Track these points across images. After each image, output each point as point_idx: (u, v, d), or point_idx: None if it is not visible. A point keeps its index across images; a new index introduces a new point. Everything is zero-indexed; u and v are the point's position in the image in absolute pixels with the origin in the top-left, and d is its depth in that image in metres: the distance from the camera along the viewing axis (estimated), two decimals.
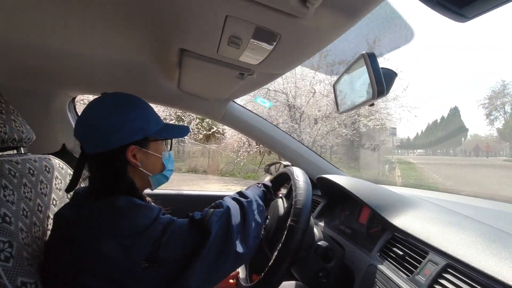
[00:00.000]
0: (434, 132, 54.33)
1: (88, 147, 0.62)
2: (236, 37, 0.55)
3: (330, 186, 1.10)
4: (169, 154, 0.73)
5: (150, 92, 1.16)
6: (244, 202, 0.71)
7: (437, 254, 0.59)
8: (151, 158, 0.68)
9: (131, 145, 0.63)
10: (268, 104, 3.33)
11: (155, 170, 0.69)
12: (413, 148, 52.32)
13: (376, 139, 9.74)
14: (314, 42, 0.58)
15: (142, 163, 0.66)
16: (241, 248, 0.62)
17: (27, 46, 0.81)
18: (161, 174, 0.71)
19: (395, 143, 27.28)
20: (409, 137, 62.19)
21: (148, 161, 0.67)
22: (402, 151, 38.76)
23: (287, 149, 1.35)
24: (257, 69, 0.75)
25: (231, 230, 0.63)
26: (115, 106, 0.63)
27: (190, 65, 0.78)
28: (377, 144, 9.70)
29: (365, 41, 8.15)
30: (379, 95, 0.54)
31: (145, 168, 0.67)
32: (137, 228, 0.55)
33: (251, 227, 0.68)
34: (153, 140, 0.68)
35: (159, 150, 0.70)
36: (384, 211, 0.79)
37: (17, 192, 0.59)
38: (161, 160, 0.70)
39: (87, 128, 0.62)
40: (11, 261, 0.50)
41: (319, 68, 8.20)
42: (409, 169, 13.87)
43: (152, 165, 0.68)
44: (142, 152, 0.66)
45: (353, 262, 0.79)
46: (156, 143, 0.69)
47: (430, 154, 47.54)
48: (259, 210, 0.74)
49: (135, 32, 0.71)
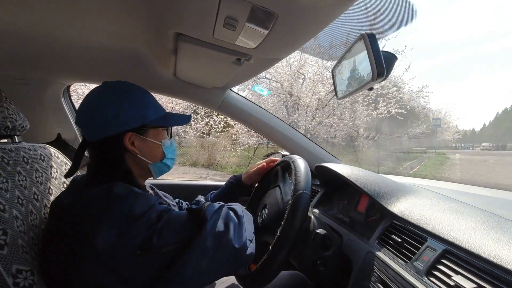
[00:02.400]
0: (503, 123, 48.65)
1: (88, 134, 0.64)
2: (232, 18, 0.53)
3: (328, 174, 1.09)
4: (170, 143, 0.72)
5: (146, 81, 1.14)
6: (234, 207, 0.71)
7: (436, 240, 0.58)
8: (151, 145, 0.67)
9: (128, 132, 0.63)
10: (266, 92, 3.28)
11: (155, 158, 0.69)
12: (478, 142, 46.34)
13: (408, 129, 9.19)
14: (312, 22, 0.56)
15: (140, 150, 0.66)
16: (237, 244, 0.62)
17: (17, 33, 0.79)
18: (161, 163, 0.70)
19: (455, 136, 25.60)
20: (474, 129, 56.90)
21: (147, 149, 0.67)
22: (467, 145, 35.23)
23: (286, 138, 1.34)
24: (254, 53, 0.73)
25: (228, 223, 0.63)
26: (113, 94, 0.63)
27: (186, 50, 0.76)
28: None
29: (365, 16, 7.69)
30: (378, 76, 0.52)
31: (144, 156, 0.67)
32: (133, 215, 0.54)
33: (244, 228, 0.67)
34: (152, 127, 0.67)
35: (159, 138, 0.69)
36: (382, 199, 0.79)
37: (11, 180, 0.58)
38: (161, 148, 0.69)
39: (86, 115, 0.63)
40: (6, 248, 0.49)
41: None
42: (433, 165, 11.62)
43: (151, 153, 0.68)
44: (141, 140, 0.66)
45: (351, 250, 0.79)
46: (156, 131, 0.69)
47: (499, 148, 41.61)
48: (248, 218, 0.73)
49: (128, 17, 0.69)
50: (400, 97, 8.41)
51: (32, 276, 0.51)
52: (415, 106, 9.29)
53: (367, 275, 0.68)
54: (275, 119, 1.36)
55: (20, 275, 0.50)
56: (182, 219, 0.60)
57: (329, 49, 7.93)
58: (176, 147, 0.75)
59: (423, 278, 0.54)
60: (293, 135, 1.35)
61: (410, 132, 10.81)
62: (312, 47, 7.49)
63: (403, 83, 9.39)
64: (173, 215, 0.59)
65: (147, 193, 0.65)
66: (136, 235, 0.53)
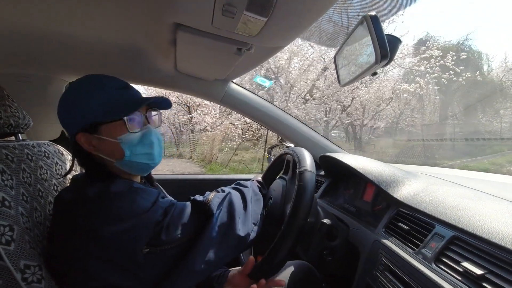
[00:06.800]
0: None
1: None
2: (230, 5, 0.52)
3: (333, 164, 1.08)
4: (136, 137, 0.62)
5: (147, 75, 1.14)
6: (242, 189, 0.72)
7: (444, 227, 0.58)
8: (107, 143, 0.61)
9: (78, 132, 0.60)
10: (268, 83, 3.23)
11: (113, 156, 0.62)
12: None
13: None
14: (312, 7, 0.55)
15: (98, 149, 0.62)
16: (241, 232, 0.62)
17: (16, 30, 0.79)
18: (127, 161, 0.62)
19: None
20: None
21: (104, 147, 0.61)
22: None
23: (289, 130, 1.33)
24: (254, 42, 0.72)
25: (233, 213, 0.63)
26: (67, 92, 0.62)
27: (185, 41, 0.75)
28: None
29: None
30: (382, 59, 0.50)
31: (103, 154, 0.62)
32: (136, 211, 0.54)
33: (250, 213, 0.68)
34: (103, 123, 0.60)
35: (113, 134, 0.60)
36: (389, 187, 0.78)
37: (15, 177, 0.58)
38: (118, 145, 0.61)
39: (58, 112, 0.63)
40: (13, 244, 0.49)
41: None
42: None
43: (108, 150, 0.62)
44: (96, 138, 0.61)
45: (358, 239, 0.78)
46: (110, 126, 0.60)
47: None
48: (257, 198, 0.74)
49: (126, 10, 0.68)
50: None
51: (40, 271, 0.52)
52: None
53: (375, 263, 0.67)
54: (278, 110, 1.34)
55: (28, 270, 0.50)
56: (188, 213, 0.60)
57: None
58: (157, 140, 0.65)
59: (431, 265, 0.53)
60: (297, 126, 1.34)
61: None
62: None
63: None
64: (179, 210, 0.59)
65: (148, 188, 0.63)
66: (141, 232, 0.53)
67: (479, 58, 9.84)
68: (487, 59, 9.65)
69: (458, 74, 6.96)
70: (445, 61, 6.94)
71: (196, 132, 9.14)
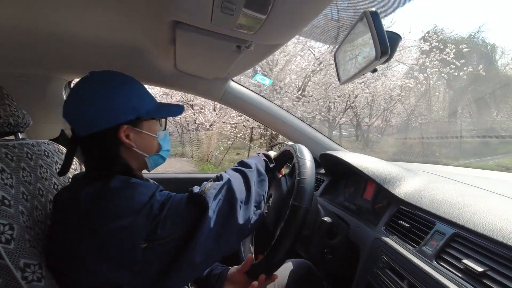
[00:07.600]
0: None
1: (79, 129, 0.61)
2: (229, 2, 0.52)
3: (333, 162, 1.08)
4: (165, 134, 0.71)
5: (146, 74, 1.13)
6: (245, 171, 0.70)
7: (445, 224, 0.57)
8: (146, 138, 0.66)
9: (123, 125, 0.61)
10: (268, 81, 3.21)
11: (150, 150, 0.67)
12: None
13: None
14: (311, 4, 0.54)
15: (136, 143, 0.64)
16: (242, 219, 0.61)
17: (15, 30, 0.78)
18: (157, 155, 0.69)
19: None
20: None
21: (142, 141, 0.65)
22: None
23: (289, 128, 1.33)
24: (253, 39, 0.71)
25: (232, 202, 0.61)
26: (104, 85, 0.61)
27: (184, 39, 0.75)
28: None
29: None
30: (382, 55, 0.50)
31: (140, 149, 0.65)
32: (134, 207, 0.53)
33: (252, 197, 0.66)
34: (147, 119, 0.65)
35: (154, 130, 0.68)
36: (389, 185, 0.78)
37: (15, 176, 0.58)
38: (156, 140, 0.68)
39: (77, 109, 0.60)
40: (13, 243, 0.49)
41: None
42: None
43: (147, 145, 0.66)
44: (136, 132, 0.64)
45: (358, 237, 0.78)
46: (150, 123, 0.67)
47: None
48: (261, 179, 0.72)
49: (125, 8, 0.68)
50: None
51: (40, 269, 0.52)
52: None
53: (375, 261, 0.67)
54: (278, 108, 1.34)
55: (28, 269, 0.50)
56: (184, 205, 0.59)
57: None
58: (170, 139, 0.73)
59: (432, 262, 0.53)
60: (297, 124, 1.34)
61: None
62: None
63: None
64: (175, 203, 0.58)
65: (146, 182, 0.63)
66: (139, 228, 0.53)
67: (493, 51, 9.62)
68: (503, 52, 9.38)
69: (473, 67, 6.51)
70: (451, 54, 6.42)
71: (194, 131, 9.17)
